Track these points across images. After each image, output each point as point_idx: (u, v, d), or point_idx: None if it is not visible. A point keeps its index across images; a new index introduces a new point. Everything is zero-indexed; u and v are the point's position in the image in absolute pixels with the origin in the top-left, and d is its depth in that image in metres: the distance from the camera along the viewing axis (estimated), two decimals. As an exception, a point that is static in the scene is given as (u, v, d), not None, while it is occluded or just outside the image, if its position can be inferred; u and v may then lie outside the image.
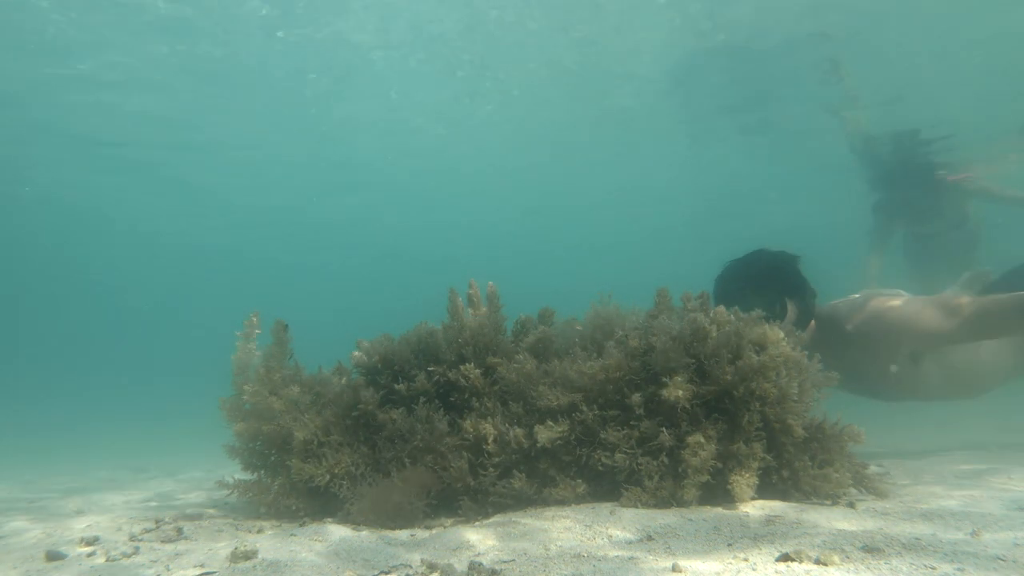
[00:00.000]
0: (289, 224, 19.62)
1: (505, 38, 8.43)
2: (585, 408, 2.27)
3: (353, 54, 9.12)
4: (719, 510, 2.05)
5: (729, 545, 1.70)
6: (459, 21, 8.21)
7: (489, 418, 2.39)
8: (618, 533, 1.86)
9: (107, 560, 1.95)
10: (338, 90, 10.36)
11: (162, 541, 2.18)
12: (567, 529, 1.93)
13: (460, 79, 9.83)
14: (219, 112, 11.19)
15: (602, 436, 2.23)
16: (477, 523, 2.18)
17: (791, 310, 3.13)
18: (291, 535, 2.08)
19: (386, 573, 1.67)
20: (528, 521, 2.06)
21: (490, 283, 2.69)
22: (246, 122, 11.72)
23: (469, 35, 8.49)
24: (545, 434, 2.26)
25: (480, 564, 1.62)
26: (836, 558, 1.49)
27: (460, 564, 1.68)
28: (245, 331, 2.89)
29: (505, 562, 1.68)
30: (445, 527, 2.18)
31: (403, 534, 2.11)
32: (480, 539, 1.92)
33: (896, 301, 3.33)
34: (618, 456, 2.19)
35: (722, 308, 2.46)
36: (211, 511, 2.91)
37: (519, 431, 2.31)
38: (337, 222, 19.47)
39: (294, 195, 16.52)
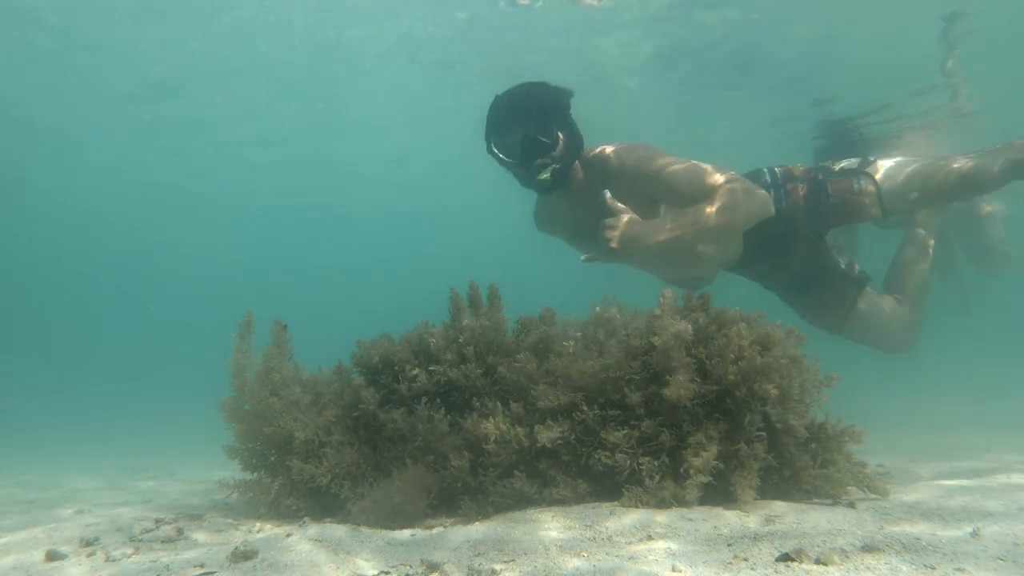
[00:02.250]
0: (290, 223, 19.61)
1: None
2: (585, 408, 2.27)
3: (347, 51, 9.06)
4: (719, 510, 2.05)
5: (729, 545, 1.70)
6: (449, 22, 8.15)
7: (490, 418, 2.39)
8: (618, 533, 1.86)
9: (107, 560, 1.95)
10: (335, 85, 10.30)
11: (162, 541, 2.18)
12: (567, 529, 1.93)
13: (457, 71, 9.77)
14: (216, 109, 11.16)
15: (603, 436, 2.23)
16: (477, 523, 2.18)
17: (561, 142, 3.11)
18: (291, 535, 2.08)
19: (386, 573, 1.67)
20: (528, 521, 2.06)
21: (492, 283, 2.70)
22: (242, 119, 11.70)
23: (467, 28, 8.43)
24: (545, 434, 2.26)
25: (480, 564, 1.62)
26: (836, 558, 1.49)
27: (460, 564, 1.68)
28: (240, 331, 2.89)
29: (505, 562, 1.68)
30: (445, 527, 2.18)
31: (403, 534, 2.11)
32: (480, 539, 1.93)
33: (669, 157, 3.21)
34: (619, 456, 2.19)
35: (723, 308, 2.46)
36: (211, 511, 2.91)
37: (519, 431, 2.31)
38: (337, 221, 19.47)
39: (294, 194, 16.51)
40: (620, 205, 2.94)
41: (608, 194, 2.96)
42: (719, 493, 2.14)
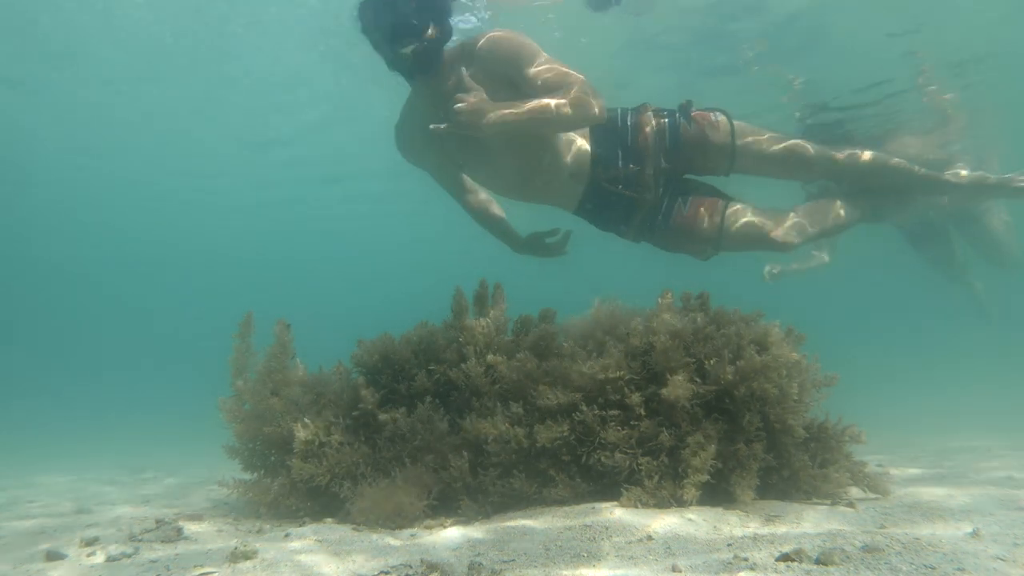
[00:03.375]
0: (290, 222, 19.61)
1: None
2: (585, 408, 2.27)
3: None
4: (719, 510, 2.05)
5: (729, 545, 1.70)
6: None
7: (489, 418, 2.39)
8: (618, 533, 1.86)
9: (107, 560, 1.95)
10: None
11: (162, 541, 2.17)
12: (567, 529, 1.93)
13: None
14: (214, 105, 11.16)
15: (602, 436, 2.23)
16: (477, 523, 2.18)
17: (432, 31, 3.18)
18: (291, 535, 2.08)
19: (386, 573, 1.67)
20: (528, 521, 2.06)
21: (497, 283, 2.70)
22: (239, 117, 11.69)
23: None
24: (545, 434, 2.26)
25: (480, 564, 1.62)
26: (836, 558, 1.49)
27: (460, 564, 1.68)
28: (240, 331, 2.89)
29: (505, 562, 1.68)
30: (445, 527, 2.18)
31: (403, 534, 2.11)
32: (480, 539, 1.93)
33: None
34: (618, 456, 2.19)
35: (723, 308, 2.46)
36: (211, 511, 2.91)
37: (519, 431, 2.31)
38: (338, 219, 19.46)
39: (294, 193, 16.50)
40: (475, 84, 3.12)
41: (465, 70, 3.14)
42: (719, 493, 2.14)
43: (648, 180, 3.48)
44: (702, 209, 3.51)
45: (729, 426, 2.19)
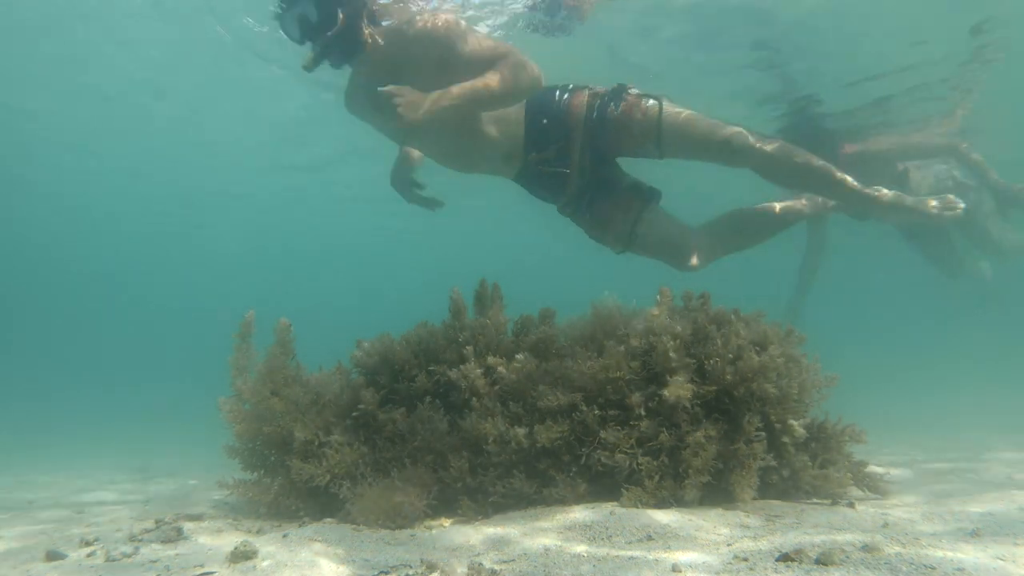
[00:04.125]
0: (290, 220, 19.61)
1: None
2: (585, 408, 2.27)
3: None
4: (719, 510, 2.05)
5: (729, 545, 1.70)
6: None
7: (489, 418, 2.39)
8: (618, 533, 1.86)
9: (107, 560, 1.95)
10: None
11: (162, 541, 2.18)
12: (567, 529, 1.93)
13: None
14: (215, 102, 11.12)
15: (602, 436, 2.23)
16: (477, 523, 2.18)
17: (341, 21, 3.22)
18: (291, 535, 2.08)
19: (386, 573, 1.67)
20: (528, 521, 2.06)
21: (495, 283, 2.70)
22: (242, 115, 11.67)
23: None
24: (545, 434, 2.26)
25: (480, 564, 1.62)
26: (836, 558, 1.49)
27: (460, 564, 1.68)
28: (241, 331, 2.89)
29: (505, 562, 1.68)
30: (445, 527, 2.18)
31: (403, 534, 2.11)
32: (480, 539, 1.93)
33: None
34: (618, 456, 2.19)
35: (723, 308, 2.46)
36: (211, 511, 2.91)
37: (519, 431, 2.31)
38: (338, 219, 19.46)
39: (294, 192, 16.49)
40: (403, 71, 3.23)
41: (395, 53, 3.30)
42: (718, 493, 2.14)
43: (575, 155, 3.57)
44: (618, 209, 3.65)
45: (729, 426, 2.19)
